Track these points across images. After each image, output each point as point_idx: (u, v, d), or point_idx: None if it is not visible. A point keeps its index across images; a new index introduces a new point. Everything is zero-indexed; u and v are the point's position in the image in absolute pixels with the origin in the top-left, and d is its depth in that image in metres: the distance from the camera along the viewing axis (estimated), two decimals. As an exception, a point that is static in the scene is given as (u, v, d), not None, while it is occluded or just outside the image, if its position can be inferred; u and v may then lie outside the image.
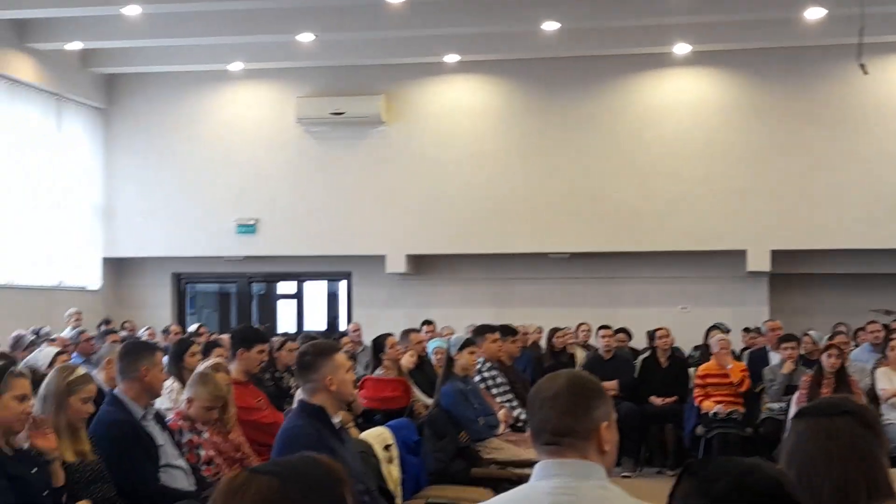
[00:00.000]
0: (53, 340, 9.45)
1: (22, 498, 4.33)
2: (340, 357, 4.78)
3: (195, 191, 16.08)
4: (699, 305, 15.04)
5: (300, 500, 1.72)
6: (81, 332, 10.90)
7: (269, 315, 17.32)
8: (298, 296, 17.43)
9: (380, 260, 15.69)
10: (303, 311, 17.30)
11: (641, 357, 11.87)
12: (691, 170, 14.93)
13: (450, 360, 7.89)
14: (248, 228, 15.99)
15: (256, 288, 17.66)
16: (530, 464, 7.08)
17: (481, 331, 9.01)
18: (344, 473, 1.80)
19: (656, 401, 11.14)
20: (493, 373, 8.77)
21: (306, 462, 1.79)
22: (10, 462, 4.40)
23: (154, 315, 16.04)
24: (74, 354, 9.41)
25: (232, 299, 17.88)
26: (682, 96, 15.09)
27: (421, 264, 16.08)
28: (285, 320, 17.12)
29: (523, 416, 8.42)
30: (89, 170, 16.06)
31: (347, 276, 16.74)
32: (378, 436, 6.24)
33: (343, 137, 15.80)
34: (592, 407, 2.72)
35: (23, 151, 14.39)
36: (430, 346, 10.42)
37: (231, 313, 17.81)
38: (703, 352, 11.94)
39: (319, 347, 4.84)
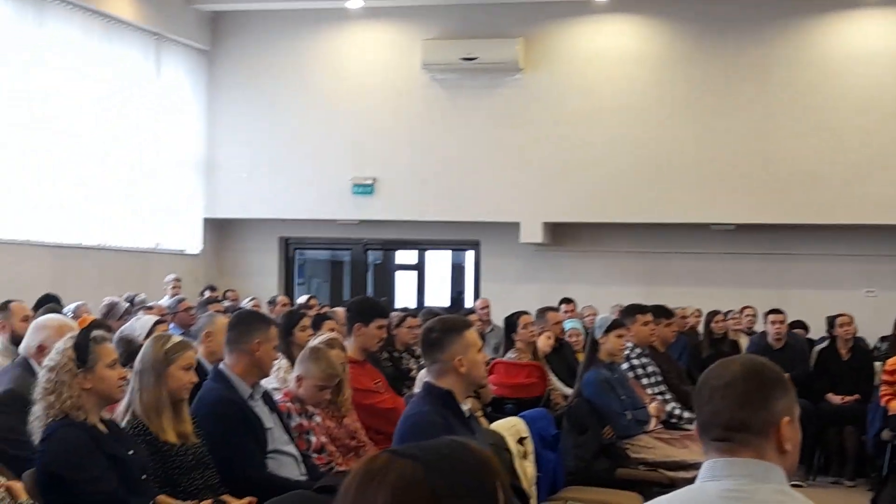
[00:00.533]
0: (150, 308, 9.74)
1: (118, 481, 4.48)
2: (471, 334, 4.81)
3: (306, 145, 16.33)
4: (888, 289, 14.62)
5: (446, 492, 1.72)
6: (181, 301, 11.19)
7: (386, 287, 17.52)
8: (419, 267, 17.57)
9: (513, 228, 15.68)
10: (424, 283, 17.43)
11: (818, 348, 11.62)
12: (886, 130, 14.47)
13: (594, 344, 7.85)
14: (364, 189, 16.17)
15: (372, 256, 17.87)
16: (685, 466, 7.05)
17: (631, 311, 8.94)
18: (498, 464, 1.80)
19: (835, 399, 10.90)
20: (644, 360, 8.70)
21: (454, 448, 1.79)
22: (107, 441, 4.56)
23: (259, 283, 16.41)
24: (172, 325, 9.68)
25: (345, 268, 18.14)
26: (875, 43, 14.60)
27: (560, 234, 16.02)
28: (404, 294, 17.29)
29: (677, 411, 8.34)
30: (190, 120, 16.46)
31: (475, 245, 16.78)
32: (511, 427, 6.26)
33: (474, 86, 15.81)
34: (772, 398, 2.66)
35: (119, 98, 14.83)
36: (566, 327, 10.40)
37: (343, 284, 18.08)
38: (893, 343, 11.60)
39: (448, 323, 4.87)
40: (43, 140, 13.36)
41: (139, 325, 6.98)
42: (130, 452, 4.64)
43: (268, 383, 6.08)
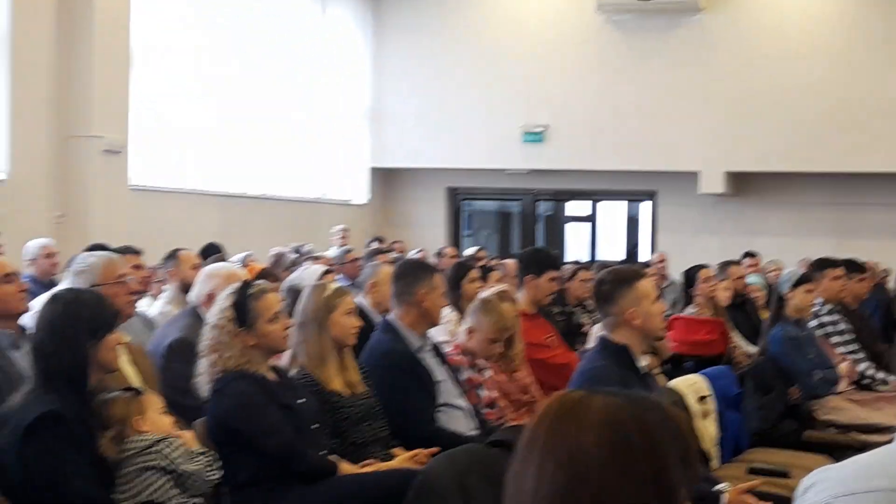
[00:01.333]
0: (317, 259, 9.92)
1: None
2: (644, 285, 4.74)
3: (475, 92, 16.35)
4: None
5: (655, 425, 1.69)
6: (347, 252, 11.37)
7: (557, 240, 17.49)
8: (592, 218, 17.47)
9: (692, 177, 15.44)
10: (596, 236, 17.34)
11: None
12: None
13: (780, 300, 7.67)
14: (535, 137, 16.12)
15: (543, 207, 17.84)
16: (880, 429, 6.83)
17: (821, 265, 8.69)
18: (688, 425, 1.76)
19: None
20: (835, 317, 8.46)
21: (645, 398, 1.76)
22: (278, 390, 4.67)
23: (425, 235, 16.56)
24: (339, 276, 9.84)
25: (514, 220, 18.16)
26: None
27: (742, 184, 15.70)
28: (576, 247, 17.23)
29: (870, 372, 8.11)
30: (357, 68, 16.66)
31: (652, 195, 16.59)
32: (692, 385, 6.16)
33: (651, 28, 15.56)
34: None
35: (286, 48, 15.10)
36: (748, 282, 10.20)
37: (512, 236, 18.11)
38: None
39: (619, 274, 4.81)
40: (211, 91, 13.72)
41: (307, 274, 7.11)
42: (301, 401, 4.74)
43: (436, 335, 6.14)
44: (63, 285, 5.43)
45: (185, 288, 7.29)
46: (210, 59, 13.73)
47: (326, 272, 7.35)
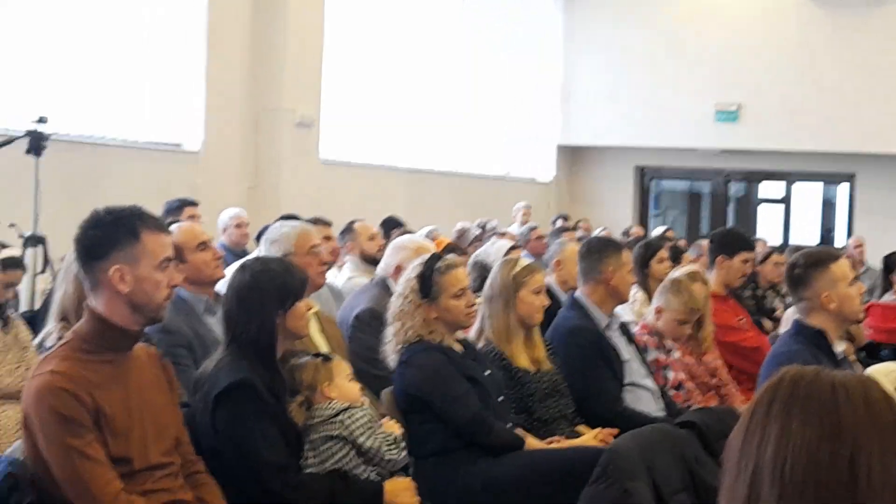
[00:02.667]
0: (502, 235, 9.96)
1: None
2: (839, 267, 4.62)
3: (667, 69, 16.12)
4: None
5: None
6: (532, 229, 11.38)
7: (749, 222, 17.16)
8: (786, 200, 17.08)
9: (893, 160, 14.92)
10: (790, 218, 16.96)
11: None
12: None
13: None
14: (728, 116, 15.81)
15: (734, 188, 17.51)
16: None
17: None
18: None
19: None
20: None
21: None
22: (464, 361, 4.71)
23: (611, 213, 16.45)
24: (524, 252, 9.87)
25: (703, 200, 17.89)
26: None
27: (950, 167, 15.12)
28: (768, 229, 16.86)
29: None
30: (548, 43, 16.61)
31: (850, 178, 16.11)
32: (890, 373, 5.97)
33: (857, 3, 15.05)
34: None
35: (475, 18, 15.17)
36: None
37: (702, 217, 17.85)
38: None
39: (812, 257, 4.70)
40: (401, 67, 13.89)
41: (494, 249, 7.15)
42: (486, 373, 4.77)
43: (623, 315, 6.10)
44: (255, 254, 5.59)
45: (366, 258, 7.42)
46: (401, 35, 13.89)
47: (512, 248, 7.37)
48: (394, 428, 4.12)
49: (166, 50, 10.98)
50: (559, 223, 12.91)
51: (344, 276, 7.62)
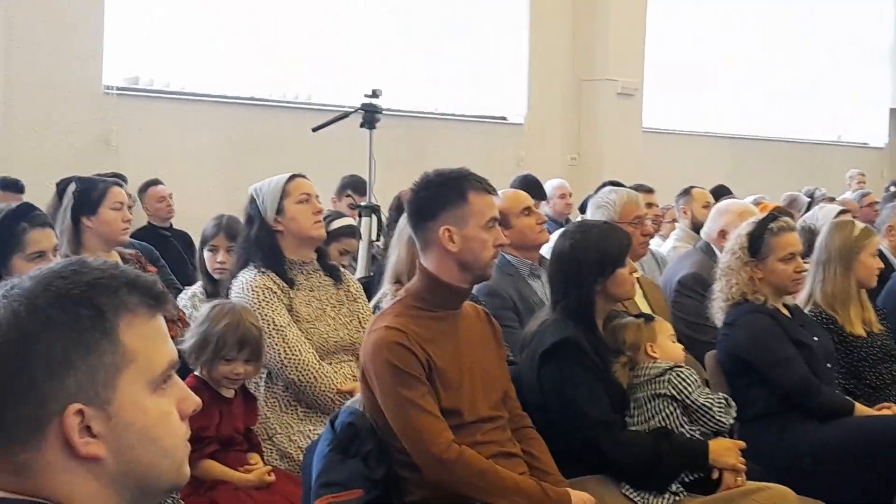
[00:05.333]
0: (832, 201, 9.63)
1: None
2: None
3: None
4: None
5: None
6: (864, 195, 10.94)
7: None
8: None
9: None
10: None
11: None
12: None
13: None
14: None
15: None
16: None
17: None
18: None
19: None
20: None
21: None
22: (791, 325, 4.60)
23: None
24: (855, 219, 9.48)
25: None
26: None
27: None
28: None
29: None
30: (877, 4, 15.86)
31: None
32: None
33: None
34: None
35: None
36: None
37: None
38: None
39: None
40: (723, 33, 13.62)
41: (822, 213, 6.93)
42: (815, 339, 4.65)
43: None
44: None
45: (696, 226, 7.33)
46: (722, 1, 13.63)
47: (841, 212, 7.11)
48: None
49: (491, 24, 11.19)
50: (892, 189, 12.31)
51: (669, 244, 7.57)
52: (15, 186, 6.53)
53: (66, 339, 1.49)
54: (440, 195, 3.46)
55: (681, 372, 3.94)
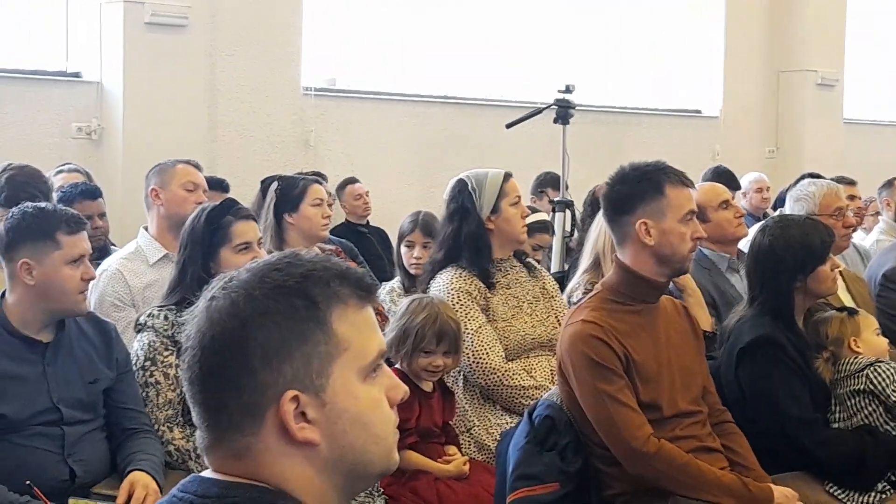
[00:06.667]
0: None
1: None
2: None
3: None
4: None
5: None
6: None
7: None
8: None
9: None
10: None
11: None
12: None
13: None
14: None
15: None
16: None
17: None
18: None
19: None
20: None
21: None
22: None
23: None
24: None
25: None
26: None
27: None
28: None
29: None
30: None
31: None
32: None
33: None
34: None
35: None
36: None
37: None
38: None
39: None
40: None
41: None
42: None
43: None
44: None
45: (897, 217, 7.11)
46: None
47: None
48: None
49: (685, 16, 11.06)
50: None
51: (872, 237, 7.34)
52: (220, 186, 6.75)
53: (282, 328, 1.55)
54: (637, 189, 3.45)
55: (881, 367, 3.83)
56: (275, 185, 5.27)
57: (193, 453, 3.69)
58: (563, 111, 7.08)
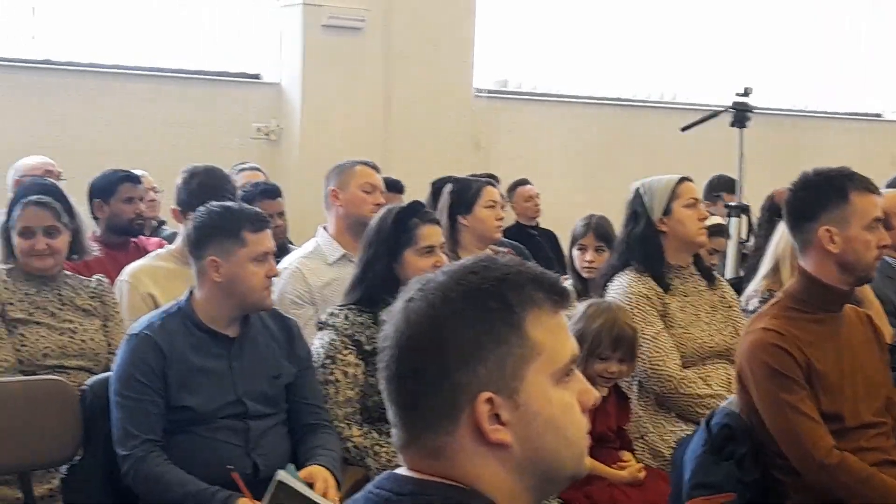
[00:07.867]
0: None
1: None
2: None
3: None
4: None
5: None
6: None
7: None
8: None
9: None
10: None
11: None
12: None
13: None
14: None
15: None
16: None
17: None
18: None
19: None
20: None
21: None
22: None
23: None
24: None
25: None
26: None
27: None
28: None
29: None
30: None
31: None
32: None
33: None
34: None
35: None
36: None
37: None
38: None
39: None
40: None
41: None
42: None
43: None
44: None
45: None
46: None
47: None
48: None
49: (864, 19, 10.82)
50: None
51: None
52: (396, 187, 6.85)
53: (478, 330, 1.57)
54: (821, 195, 3.40)
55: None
56: (448, 186, 5.32)
57: (371, 450, 3.77)
58: (741, 115, 6.97)
